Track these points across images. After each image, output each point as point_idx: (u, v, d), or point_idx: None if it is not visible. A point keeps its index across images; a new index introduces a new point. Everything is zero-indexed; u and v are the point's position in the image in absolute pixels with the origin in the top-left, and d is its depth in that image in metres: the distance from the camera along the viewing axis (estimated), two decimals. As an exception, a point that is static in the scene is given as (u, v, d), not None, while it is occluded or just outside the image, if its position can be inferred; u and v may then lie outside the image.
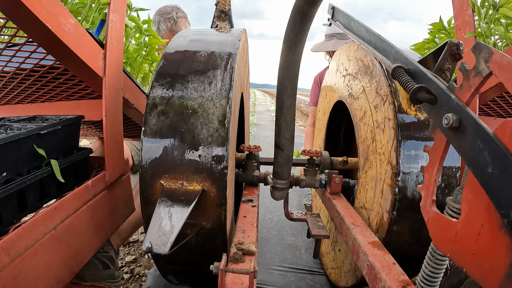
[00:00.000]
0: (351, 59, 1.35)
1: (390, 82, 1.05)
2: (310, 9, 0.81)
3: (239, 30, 1.13)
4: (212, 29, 1.15)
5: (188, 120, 0.83)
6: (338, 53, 1.55)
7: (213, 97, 0.85)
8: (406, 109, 1.01)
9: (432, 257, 0.68)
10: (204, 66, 0.92)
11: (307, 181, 1.29)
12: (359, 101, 1.25)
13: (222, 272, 0.65)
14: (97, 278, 1.19)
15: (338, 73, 1.51)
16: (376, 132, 1.10)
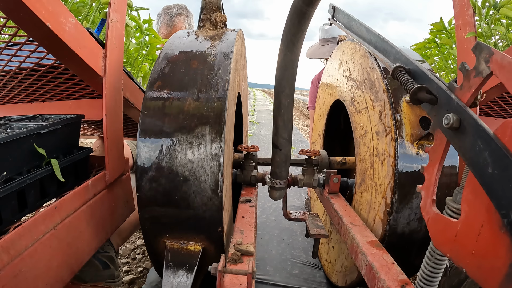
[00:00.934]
0: (356, 63, 1.28)
1: (395, 113, 0.99)
2: (308, 8, 0.81)
3: (231, 42, 1.01)
4: (200, 41, 1.03)
5: (181, 188, 0.83)
6: (342, 48, 1.46)
7: (203, 163, 0.82)
8: (408, 146, 0.97)
9: (431, 257, 0.68)
10: (191, 120, 0.84)
11: (305, 180, 1.29)
12: (361, 117, 1.20)
13: (221, 273, 0.65)
14: (97, 279, 1.19)
15: (341, 70, 1.44)
16: (375, 160, 1.08)
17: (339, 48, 1.48)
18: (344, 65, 1.40)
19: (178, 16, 2.30)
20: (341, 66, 1.44)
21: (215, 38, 1.04)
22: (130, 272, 1.73)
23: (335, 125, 1.74)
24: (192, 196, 0.83)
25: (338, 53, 1.49)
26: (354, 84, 1.28)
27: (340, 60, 1.45)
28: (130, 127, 1.56)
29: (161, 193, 0.84)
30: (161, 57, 0.96)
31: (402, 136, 0.96)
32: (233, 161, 1.29)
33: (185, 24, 2.33)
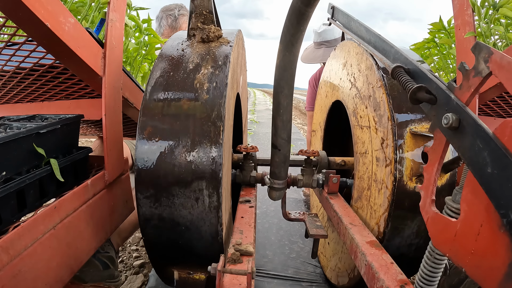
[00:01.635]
0: (362, 73, 1.20)
1: (397, 146, 0.96)
2: (307, 9, 0.81)
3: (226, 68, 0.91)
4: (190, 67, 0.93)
5: (183, 235, 0.89)
6: (347, 48, 1.37)
7: (203, 216, 0.85)
8: (407, 181, 0.95)
9: (430, 257, 0.69)
10: (186, 172, 0.83)
11: (305, 181, 1.29)
12: (363, 134, 1.16)
13: (220, 273, 0.65)
14: (97, 279, 1.19)
15: (345, 72, 1.37)
16: (373, 185, 1.07)
17: (344, 48, 1.42)
18: (349, 67, 1.34)
19: (182, 17, 2.30)
20: (345, 67, 1.39)
21: (207, 59, 0.94)
22: (139, 257, 1.84)
23: (336, 120, 1.71)
24: (194, 242, 0.90)
25: (342, 52, 1.43)
26: (358, 95, 1.23)
27: (345, 60, 1.39)
28: (129, 127, 1.56)
29: (165, 240, 0.91)
30: (148, 94, 0.90)
31: (401, 172, 0.95)
32: (232, 162, 1.29)
33: (186, 25, 2.32)
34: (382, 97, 1.03)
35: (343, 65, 1.40)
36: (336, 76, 1.48)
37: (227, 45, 0.99)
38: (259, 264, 1.71)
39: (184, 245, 0.90)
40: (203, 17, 1.01)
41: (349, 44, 1.34)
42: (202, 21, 1.01)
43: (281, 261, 1.71)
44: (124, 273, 1.74)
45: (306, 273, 1.65)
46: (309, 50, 2.79)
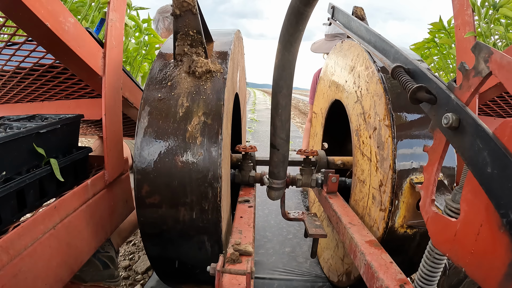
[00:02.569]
0: (370, 95, 1.12)
1: (394, 197, 0.95)
2: (306, 9, 0.81)
3: (219, 110, 0.84)
4: (175, 111, 0.85)
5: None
6: (357, 52, 1.26)
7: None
8: (398, 228, 0.95)
9: (430, 256, 0.69)
10: (190, 226, 0.84)
11: (304, 180, 1.29)
12: (364, 162, 1.14)
13: (219, 273, 0.65)
14: (97, 278, 1.19)
15: (352, 78, 1.28)
16: (366, 217, 1.08)
17: (353, 50, 1.30)
18: (357, 77, 1.24)
19: None
20: (352, 72, 1.29)
21: (198, 103, 0.85)
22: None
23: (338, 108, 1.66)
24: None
25: (351, 53, 1.32)
26: (363, 116, 1.16)
27: (353, 64, 1.29)
28: (129, 126, 1.56)
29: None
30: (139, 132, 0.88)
31: (394, 221, 0.96)
32: (231, 162, 1.29)
33: None
34: (388, 139, 0.98)
35: (350, 68, 1.32)
36: (342, 75, 1.41)
37: (220, 78, 0.89)
38: (259, 244, 1.86)
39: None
40: (190, 38, 0.90)
41: (359, 50, 1.24)
42: (189, 43, 0.90)
43: (279, 241, 1.92)
44: (137, 253, 1.86)
45: (302, 251, 1.83)
46: (320, 43, 2.79)
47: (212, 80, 0.89)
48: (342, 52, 1.43)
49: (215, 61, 0.94)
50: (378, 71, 1.06)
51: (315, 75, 2.91)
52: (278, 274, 1.61)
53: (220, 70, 0.91)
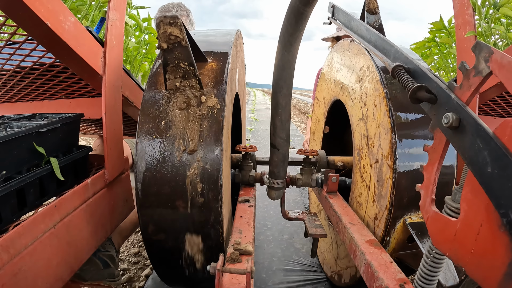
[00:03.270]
0: (375, 121, 1.07)
1: (386, 235, 0.96)
2: (306, 8, 0.80)
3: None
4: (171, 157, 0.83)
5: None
6: (366, 63, 1.18)
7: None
8: (386, 258, 0.86)
9: (430, 256, 0.69)
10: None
11: (304, 180, 1.29)
12: (362, 188, 1.13)
13: (219, 272, 0.66)
14: (97, 277, 1.19)
15: (358, 89, 1.20)
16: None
17: (363, 60, 1.20)
18: (364, 92, 1.16)
19: (181, 18, 2.24)
20: (360, 83, 1.20)
21: (196, 146, 0.82)
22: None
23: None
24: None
25: (360, 62, 1.22)
26: (366, 140, 1.12)
27: (362, 75, 1.19)
28: (129, 125, 1.56)
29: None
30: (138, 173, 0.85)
31: (389, 244, 0.99)
32: (231, 162, 1.29)
33: (188, 25, 2.26)
34: (388, 180, 0.97)
35: (357, 77, 1.23)
36: (347, 78, 1.33)
37: (217, 115, 0.84)
38: (260, 232, 2.01)
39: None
40: (181, 71, 0.82)
41: (369, 62, 1.15)
42: (181, 75, 0.83)
43: (278, 228, 2.09)
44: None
45: (299, 238, 1.98)
46: (331, 34, 2.81)
47: (209, 118, 0.84)
48: (350, 54, 1.36)
49: (211, 92, 0.87)
50: (388, 101, 0.99)
51: (319, 72, 2.92)
52: (277, 259, 1.73)
53: (216, 106, 0.85)
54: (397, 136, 0.95)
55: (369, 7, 1.28)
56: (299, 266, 1.67)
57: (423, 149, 0.71)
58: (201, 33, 1.13)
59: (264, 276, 1.58)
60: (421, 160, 0.95)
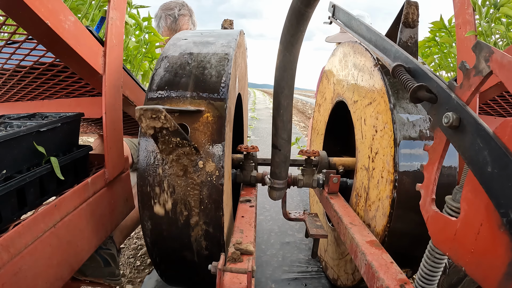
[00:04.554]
0: (384, 160, 1.02)
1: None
2: (307, 9, 0.80)
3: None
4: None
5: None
6: (379, 85, 1.08)
7: None
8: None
9: (430, 256, 0.69)
10: None
11: (305, 181, 1.29)
12: (360, 210, 1.14)
13: (221, 271, 0.66)
14: (97, 274, 1.19)
15: (371, 109, 1.13)
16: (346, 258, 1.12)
17: (377, 82, 1.09)
18: (374, 119, 1.09)
19: (182, 18, 2.13)
20: (371, 106, 1.13)
21: (196, 211, 0.83)
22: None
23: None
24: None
25: (372, 82, 1.13)
26: (370, 173, 1.10)
27: (374, 98, 1.11)
28: (129, 125, 1.56)
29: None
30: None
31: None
32: (233, 162, 1.29)
33: (190, 25, 2.19)
34: (381, 229, 1.00)
35: (370, 100, 1.14)
36: (358, 93, 1.25)
37: (216, 182, 0.82)
38: (259, 212, 2.19)
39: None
40: (173, 143, 0.78)
41: (382, 88, 1.04)
42: (174, 146, 0.79)
43: (275, 210, 2.33)
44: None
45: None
46: (335, 34, 2.81)
47: (208, 186, 0.83)
48: (364, 56, 1.22)
49: (208, 155, 0.82)
50: (396, 154, 0.95)
51: (323, 69, 2.91)
52: (274, 234, 2.03)
53: (215, 172, 0.82)
54: (396, 201, 0.96)
55: (407, 19, 1.03)
56: (293, 239, 1.96)
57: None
58: (195, 57, 0.97)
59: (263, 247, 1.85)
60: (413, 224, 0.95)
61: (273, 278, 1.59)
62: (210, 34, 1.10)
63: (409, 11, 1.02)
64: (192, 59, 0.96)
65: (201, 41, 1.04)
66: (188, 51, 0.99)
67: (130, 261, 1.99)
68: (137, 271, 1.89)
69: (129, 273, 1.86)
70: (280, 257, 1.76)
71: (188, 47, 1.01)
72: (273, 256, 1.77)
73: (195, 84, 0.90)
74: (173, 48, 1.01)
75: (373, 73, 1.12)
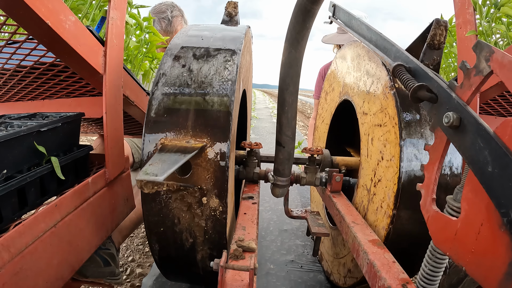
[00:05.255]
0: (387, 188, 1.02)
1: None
2: (313, 6, 0.80)
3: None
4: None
5: None
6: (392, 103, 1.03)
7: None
8: None
9: (431, 256, 0.69)
10: None
11: (308, 179, 1.29)
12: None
13: (222, 268, 0.66)
14: (97, 275, 1.19)
15: (379, 131, 1.10)
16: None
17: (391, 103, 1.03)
18: (384, 141, 1.07)
19: (176, 19, 2.17)
20: (381, 126, 1.10)
21: (200, 235, 0.86)
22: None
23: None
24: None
25: (383, 100, 1.09)
26: (371, 194, 1.11)
27: (383, 121, 1.09)
28: (130, 125, 1.56)
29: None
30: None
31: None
32: (236, 158, 1.29)
33: (183, 25, 2.22)
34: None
35: (379, 124, 1.11)
36: (368, 105, 1.21)
37: (220, 217, 0.83)
38: (260, 203, 2.16)
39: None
40: (175, 187, 0.80)
41: (391, 111, 1.01)
42: (175, 188, 0.81)
43: (275, 202, 2.47)
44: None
45: (291, 207, 2.20)
46: (332, 35, 2.80)
47: (212, 219, 0.86)
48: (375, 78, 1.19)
49: (212, 191, 0.83)
50: (399, 193, 0.95)
51: (321, 70, 2.90)
52: (273, 222, 2.19)
53: (219, 208, 0.84)
54: (391, 234, 0.98)
55: (433, 41, 0.96)
56: (291, 227, 2.11)
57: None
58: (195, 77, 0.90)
59: (263, 234, 2.02)
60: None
61: (272, 260, 1.74)
62: (211, 38, 1.00)
63: (437, 32, 0.96)
64: (192, 79, 0.88)
65: (201, 53, 0.94)
66: (187, 66, 0.91)
67: (139, 248, 2.24)
68: (146, 256, 2.13)
69: (138, 258, 2.10)
70: (279, 242, 1.93)
71: (188, 62, 0.92)
72: (272, 241, 1.93)
73: (196, 114, 0.85)
74: (171, 62, 0.93)
75: (387, 96, 1.05)
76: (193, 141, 0.83)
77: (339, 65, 1.63)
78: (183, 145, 0.81)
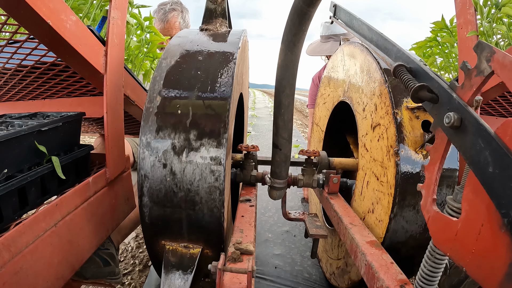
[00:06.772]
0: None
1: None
2: (309, 9, 0.80)
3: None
4: None
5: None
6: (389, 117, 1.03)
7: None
8: None
9: (431, 256, 0.68)
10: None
11: (305, 180, 1.29)
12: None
13: (220, 271, 0.66)
14: (97, 275, 1.19)
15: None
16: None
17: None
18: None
19: (172, 11, 2.25)
20: (377, 169, 1.10)
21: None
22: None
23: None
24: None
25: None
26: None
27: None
28: (131, 124, 1.56)
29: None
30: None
31: None
32: (233, 161, 1.29)
33: (179, 19, 2.27)
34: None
35: (377, 165, 1.09)
36: (369, 137, 1.17)
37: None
38: (259, 188, 2.27)
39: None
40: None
41: (390, 175, 0.99)
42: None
43: (276, 203, 2.56)
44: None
45: (289, 199, 2.53)
46: (315, 44, 2.76)
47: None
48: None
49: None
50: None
51: (314, 78, 2.86)
52: (271, 202, 2.48)
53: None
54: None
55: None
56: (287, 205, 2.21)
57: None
58: (179, 183, 0.84)
59: (262, 211, 2.33)
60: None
61: (270, 230, 2.15)
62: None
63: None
64: (178, 187, 0.84)
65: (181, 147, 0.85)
66: (168, 168, 0.84)
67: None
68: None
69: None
70: (276, 217, 2.33)
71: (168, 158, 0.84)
72: (270, 217, 2.35)
73: (188, 223, 0.86)
74: (149, 158, 0.85)
75: (390, 159, 1.02)
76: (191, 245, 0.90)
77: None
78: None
